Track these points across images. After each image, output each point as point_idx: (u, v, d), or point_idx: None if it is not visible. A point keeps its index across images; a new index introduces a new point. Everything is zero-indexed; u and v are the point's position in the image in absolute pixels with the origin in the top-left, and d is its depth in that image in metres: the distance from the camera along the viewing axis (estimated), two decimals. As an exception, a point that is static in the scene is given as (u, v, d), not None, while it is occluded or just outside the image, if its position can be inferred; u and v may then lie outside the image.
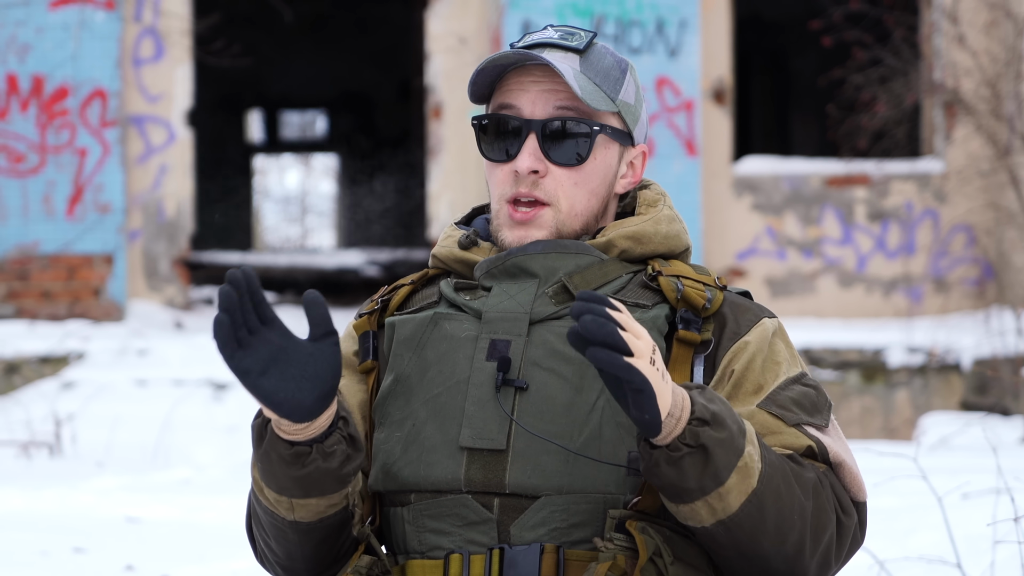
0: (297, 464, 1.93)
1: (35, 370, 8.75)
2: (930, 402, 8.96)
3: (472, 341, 2.05)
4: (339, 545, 2.06)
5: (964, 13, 9.99)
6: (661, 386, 1.81)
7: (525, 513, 1.98)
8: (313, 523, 2.00)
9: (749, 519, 1.89)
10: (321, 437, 1.93)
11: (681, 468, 1.85)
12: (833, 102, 10.24)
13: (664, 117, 9.87)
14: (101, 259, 9.70)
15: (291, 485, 1.96)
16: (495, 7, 9.93)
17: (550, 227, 2.09)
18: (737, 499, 1.88)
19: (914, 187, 10.24)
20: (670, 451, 1.84)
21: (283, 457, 1.93)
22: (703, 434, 1.84)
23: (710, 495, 1.87)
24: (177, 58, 9.96)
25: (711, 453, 1.85)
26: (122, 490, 6.37)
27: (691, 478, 1.86)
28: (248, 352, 1.85)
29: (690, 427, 1.84)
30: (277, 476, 1.96)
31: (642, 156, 2.17)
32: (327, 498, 1.98)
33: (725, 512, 1.88)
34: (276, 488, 1.97)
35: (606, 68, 2.11)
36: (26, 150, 9.66)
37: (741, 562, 1.94)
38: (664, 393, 1.82)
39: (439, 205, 10.23)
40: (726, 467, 1.86)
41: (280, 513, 2.00)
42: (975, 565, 4.31)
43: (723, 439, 1.85)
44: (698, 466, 1.85)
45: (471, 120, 2.15)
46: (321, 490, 1.96)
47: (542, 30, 2.13)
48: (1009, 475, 4.48)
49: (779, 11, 14.63)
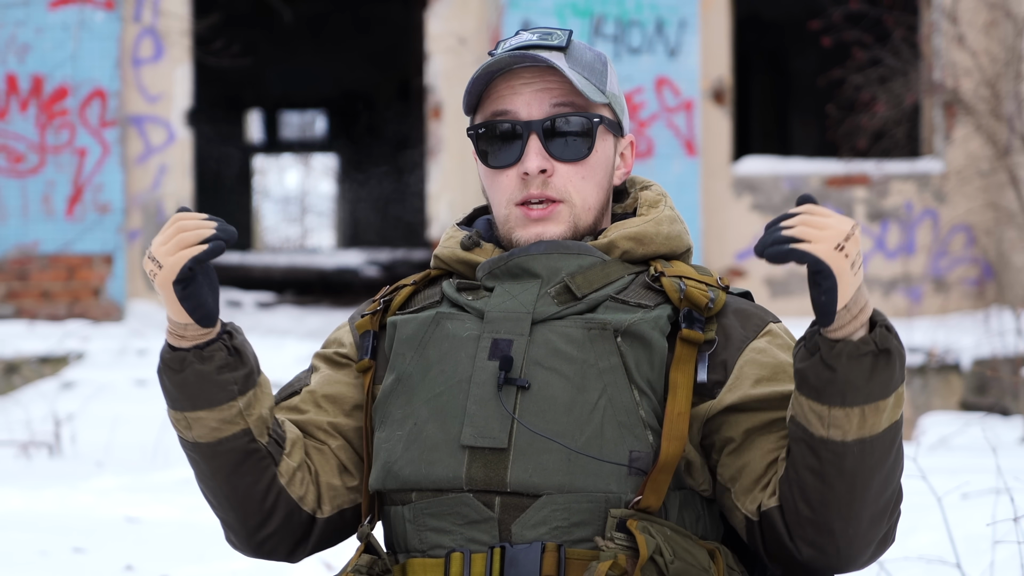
0: (177, 368, 2.02)
1: (35, 370, 8.75)
2: (930, 402, 8.96)
3: (474, 340, 2.05)
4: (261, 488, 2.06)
5: (964, 13, 9.99)
6: (846, 274, 1.82)
7: (526, 512, 1.98)
8: (212, 444, 2.04)
9: (883, 447, 1.90)
10: (203, 344, 2.01)
11: (863, 365, 1.85)
12: (833, 102, 10.25)
13: (664, 117, 9.87)
14: (101, 259, 9.70)
15: (178, 395, 2.03)
16: (495, 7, 9.93)
17: (567, 222, 2.10)
18: (887, 420, 1.89)
19: (914, 187, 10.24)
20: (860, 343, 1.85)
21: (167, 363, 2.03)
22: (891, 340, 1.86)
23: (870, 405, 1.87)
24: (177, 58, 9.96)
25: (893, 361, 1.87)
26: (122, 490, 6.37)
27: (867, 379, 1.86)
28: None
29: (881, 329, 1.86)
30: (167, 387, 2.04)
31: (630, 146, 2.19)
32: (216, 411, 2.02)
33: (872, 429, 1.88)
34: (170, 402, 2.05)
35: (590, 62, 2.12)
36: (26, 150, 9.66)
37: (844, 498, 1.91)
38: (847, 282, 1.82)
39: (439, 205, 10.24)
40: (896, 382, 1.88)
41: (182, 433, 2.06)
42: (975, 565, 4.31)
43: (903, 354, 1.88)
44: (879, 368, 1.86)
45: (467, 131, 2.15)
46: (206, 399, 2.02)
47: (516, 35, 2.14)
48: (1009, 475, 4.48)
49: (779, 11, 14.64)
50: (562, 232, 2.09)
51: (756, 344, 2.04)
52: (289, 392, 2.19)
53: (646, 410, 2.00)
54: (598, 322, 2.03)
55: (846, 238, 1.82)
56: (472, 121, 2.14)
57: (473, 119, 2.14)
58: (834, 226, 1.82)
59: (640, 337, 2.01)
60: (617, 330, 2.02)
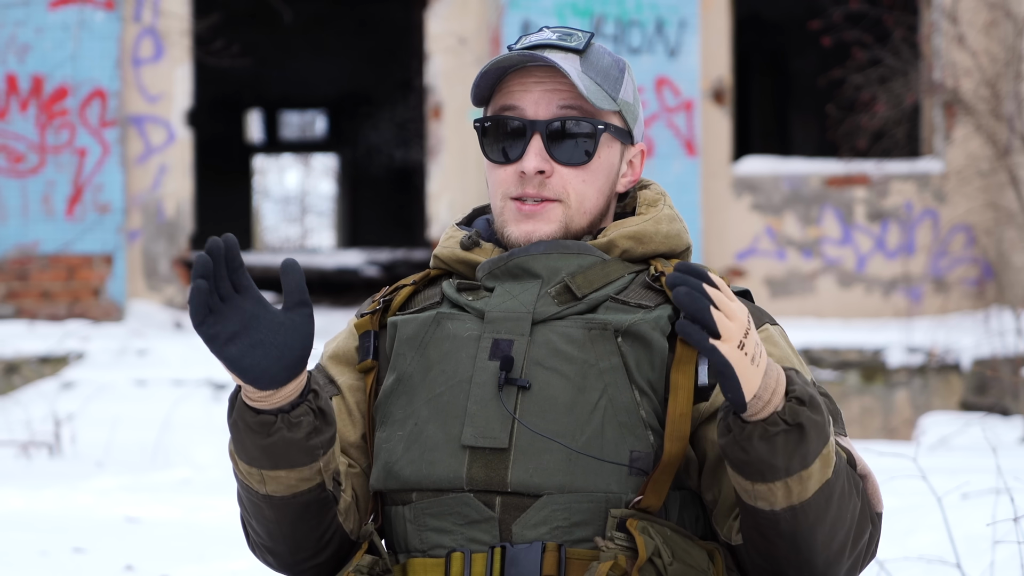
0: (262, 433, 1.94)
1: (35, 370, 8.75)
2: (930, 402, 8.96)
3: (475, 340, 2.05)
4: (321, 530, 2.05)
5: (964, 13, 9.99)
6: (747, 370, 1.81)
7: (527, 512, 1.98)
8: (286, 498, 2.00)
9: (817, 508, 1.89)
10: (288, 407, 1.94)
11: (774, 444, 1.84)
12: (833, 102, 10.24)
13: (664, 117, 9.87)
14: (101, 259, 9.70)
15: (259, 455, 1.96)
16: (495, 7, 9.93)
17: (559, 221, 2.09)
18: (815, 485, 1.87)
19: (914, 187, 10.24)
20: (767, 425, 1.84)
21: (249, 425, 1.94)
22: (802, 414, 1.84)
23: (792, 477, 1.86)
24: (177, 58, 9.96)
25: (807, 434, 1.84)
26: (122, 490, 6.37)
27: (782, 456, 1.85)
28: (218, 318, 1.87)
29: (790, 404, 1.84)
30: (246, 446, 1.97)
31: (641, 155, 2.18)
32: (297, 471, 1.98)
33: (800, 497, 1.87)
34: (246, 459, 1.98)
35: (606, 67, 2.11)
36: (26, 150, 9.66)
37: (789, 554, 1.92)
38: (750, 377, 1.81)
39: (439, 205, 10.23)
40: (815, 451, 1.86)
41: (253, 486, 2.01)
42: (975, 565, 4.31)
43: (819, 423, 1.86)
44: (791, 444, 1.85)
45: (473, 123, 2.14)
46: (289, 462, 1.97)
47: (538, 32, 2.13)
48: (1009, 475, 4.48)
49: (779, 11, 14.63)
50: (552, 231, 2.08)
51: None
52: None
53: (647, 410, 2.00)
54: (599, 322, 2.03)
55: (745, 334, 1.81)
56: (484, 112, 2.13)
57: (485, 111, 2.13)
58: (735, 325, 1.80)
59: (641, 337, 2.01)
60: (618, 330, 2.02)
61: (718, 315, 1.78)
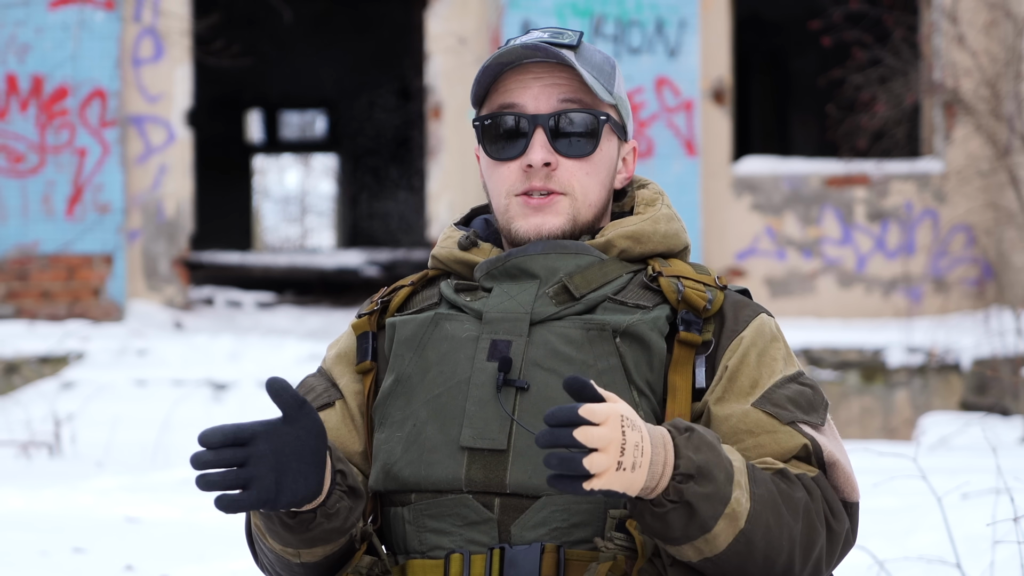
0: (302, 529, 1.95)
1: (35, 370, 8.74)
2: (930, 402, 8.96)
3: (473, 341, 2.05)
4: (339, 565, 2.07)
5: (964, 13, 9.99)
6: (628, 481, 1.78)
7: (526, 513, 1.98)
8: (320, 562, 2.02)
9: (737, 556, 1.88)
10: (323, 500, 1.94)
11: (666, 521, 1.84)
12: (833, 102, 10.24)
13: (664, 117, 9.87)
14: (101, 259, 9.69)
15: (296, 542, 1.98)
16: (495, 7, 9.93)
17: (567, 214, 2.09)
18: (724, 541, 1.87)
19: (914, 187, 10.24)
20: (654, 506, 1.84)
21: (287, 525, 1.95)
22: (687, 491, 1.83)
23: (697, 540, 1.86)
24: (177, 58, 9.96)
25: (695, 508, 1.84)
26: (122, 490, 6.36)
27: (676, 529, 1.85)
28: (253, 485, 1.83)
29: (674, 483, 1.83)
30: (282, 536, 1.97)
31: (633, 152, 2.19)
32: (333, 544, 2.00)
33: (712, 552, 1.88)
34: (281, 543, 1.99)
35: (599, 63, 2.12)
36: (26, 150, 9.66)
37: None
38: (633, 482, 1.79)
39: (439, 205, 10.23)
40: (712, 517, 1.85)
41: (287, 558, 2.02)
42: (975, 565, 4.31)
43: (708, 493, 1.84)
44: (682, 519, 1.84)
45: (472, 122, 2.14)
46: (326, 542, 1.98)
47: (527, 33, 2.13)
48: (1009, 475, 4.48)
49: (779, 11, 14.63)
50: (561, 224, 2.08)
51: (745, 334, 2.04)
52: (322, 404, 2.14)
53: (645, 411, 2.00)
54: (597, 323, 2.03)
55: (620, 451, 1.77)
56: (479, 112, 2.13)
57: (480, 110, 2.13)
58: (608, 455, 1.74)
59: (639, 338, 2.01)
60: (616, 331, 2.02)
61: (590, 458, 1.73)
